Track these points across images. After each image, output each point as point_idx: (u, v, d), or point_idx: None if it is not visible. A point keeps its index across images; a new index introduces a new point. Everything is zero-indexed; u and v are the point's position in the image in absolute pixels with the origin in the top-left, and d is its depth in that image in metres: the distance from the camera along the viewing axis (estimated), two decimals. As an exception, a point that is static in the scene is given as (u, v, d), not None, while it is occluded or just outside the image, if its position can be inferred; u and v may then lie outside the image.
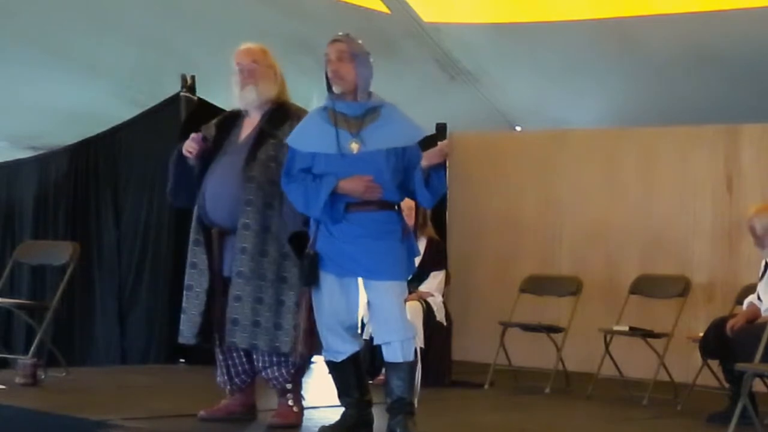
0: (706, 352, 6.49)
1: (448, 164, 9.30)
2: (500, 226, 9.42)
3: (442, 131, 9.17)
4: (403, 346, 4.72)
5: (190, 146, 5.13)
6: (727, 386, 6.36)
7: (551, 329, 7.70)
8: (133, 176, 8.72)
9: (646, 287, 7.69)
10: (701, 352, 6.54)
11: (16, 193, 9.58)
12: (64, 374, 6.93)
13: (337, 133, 4.76)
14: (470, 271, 9.37)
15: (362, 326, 6.35)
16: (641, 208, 8.85)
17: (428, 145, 4.78)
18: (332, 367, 4.91)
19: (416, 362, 4.79)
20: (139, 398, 6.16)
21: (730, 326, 6.13)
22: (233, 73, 5.19)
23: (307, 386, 5.35)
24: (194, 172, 5.18)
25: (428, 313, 7.35)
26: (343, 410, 4.94)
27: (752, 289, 6.42)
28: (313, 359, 5.24)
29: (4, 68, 9.48)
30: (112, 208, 8.82)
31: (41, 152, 10.01)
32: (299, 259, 4.87)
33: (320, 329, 4.86)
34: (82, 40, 9.34)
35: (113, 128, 8.97)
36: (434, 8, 9.69)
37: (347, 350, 4.84)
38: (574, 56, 9.72)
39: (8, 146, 11.10)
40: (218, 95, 8.17)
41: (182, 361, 8.00)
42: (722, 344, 6.15)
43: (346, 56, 4.78)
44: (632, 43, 9.35)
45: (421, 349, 5.18)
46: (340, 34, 4.84)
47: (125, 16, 9.05)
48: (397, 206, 4.85)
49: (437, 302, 7.48)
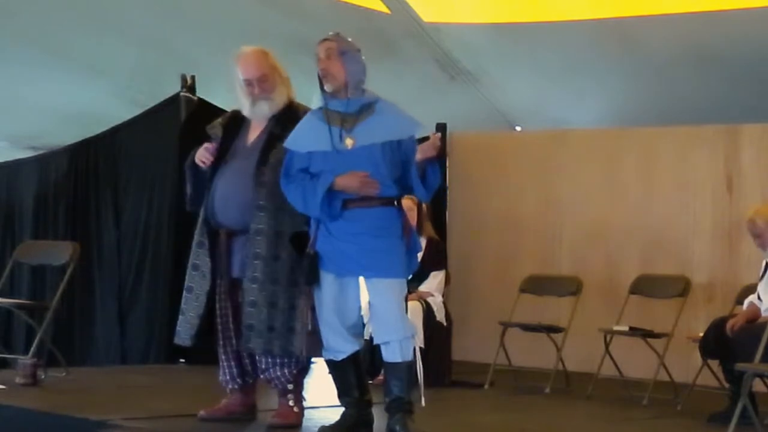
0: (706, 352, 6.49)
1: (448, 164, 9.54)
2: (500, 226, 9.41)
3: (442, 131, 9.15)
4: (401, 345, 4.72)
5: (204, 156, 5.13)
6: (727, 386, 6.36)
7: (551, 329, 7.70)
8: (133, 176, 8.72)
9: (646, 287, 7.68)
10: (701, 352, 6.54)
11: (16, 193, 9.58)
12: (64, 374, 6.93)
13: (330, 130, 4.77)
14: (470, 271, 9.37)
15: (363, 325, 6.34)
16: (641, 208, 8.85)
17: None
18: (332, 366, 4.91)
19: (415, 361, 4.78)
20: (139, 398, 6.16)
21: (730, 326, 6.13)
22: (239, 83, 5.15)
23: (307, 386, 5.34)
24: (206, 177, 5.18)
25: (428, 313, 7.35)
26: (342, 410, 4.94)
27: (752, 289, 6.42)
28: (313, 359, 5.23)
29: (4, 68, 9.47)
30: (112, 208, 8.82)
31: (41, 152, 10.00)
32: (300, 259, 4.88)
33: (321, 328, 4.86)
34: (82, 40, 9.34)
35: (113, 128, 8.97)
36: (434, 8, 9.68)
37: (347, 349, 4.85)
38: (574, 56, 9.71)
39: (8, 146, 11.09)
40: (218, 95, 8.17)
41: (182, 361, 8.00)
42: (722, 344, 6.15)
43: (334, 54, 4.79)
44: (632, 43, 9.34)
45: (421, 349, 5.17)
46: (330, 33, 4.86)
47: (125, 16, 9.04)
48: (396, 201, 4.83)
49: (437, 302, 7.48)
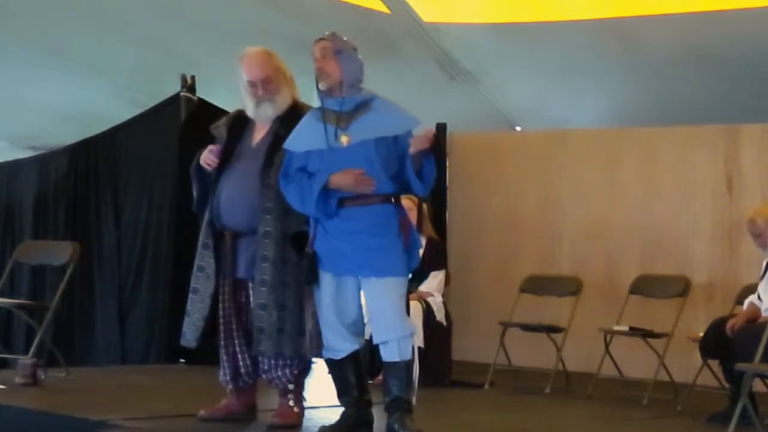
0: (706, 352, 6.49)
1: (448, 164, 9.53)
2: (500, 226, 9.41)
3: (442, 131, 9.16)
4: (399, 344, 4.71)
5: (209, 159, 5.11)
6: (727, 386, 6.36)
7: (551, 329, 7.69)
8: (133, 176, 8.72)
9: (646, 287, 7.68)
10: (701, 352, 6.53)
11: (16, 193, 9.58)
12: (64, 374, 6.93)
13: (325, 128, 4.78)
14: (470, 271, 9.37)
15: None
16: (641, 208, 8.84)
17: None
18: (332, 365, 4.91)
19: (413, 361, 4.77)
20: (139, 398, 6.16)
21: (730, 326, 6.13)
22: (243, 84, 5.15)
23: (307, 386, 5.34)
24: (211, 179, 5.17)
25: (428, 313, 7.35)
26: (342, 410, 4.94)
27: (752, 289, 6.42)
28: (313, 360, 5.23)
29: (4, 68, 9.48)
30: (112, 208, 8.82)
31: (41, 152, 10.01)
32: (299, 258, 4.88)
33: (321, 327, 4.87)
34: (82, 40, 9.34)
35: (113, 128, 8.97)
36: (434, 8, 9.68)
37: (347, 348, 4.84)
38: (574, 56, 9.72)
39: (8, 146, 11.09)
40: (218, 95, 8.18)
41: (182, 361, 7.99)
42: (722, 344, 6.15)
43: (329, 53, 4.80)
44: (632, 43, 9.34)
45: (420, 349, 5.17)
46: (326, 33, 4.87)
47: (125, 16, 9.04)
48: (393, 198, 4.82)
49: (437, 302, 7.48)
